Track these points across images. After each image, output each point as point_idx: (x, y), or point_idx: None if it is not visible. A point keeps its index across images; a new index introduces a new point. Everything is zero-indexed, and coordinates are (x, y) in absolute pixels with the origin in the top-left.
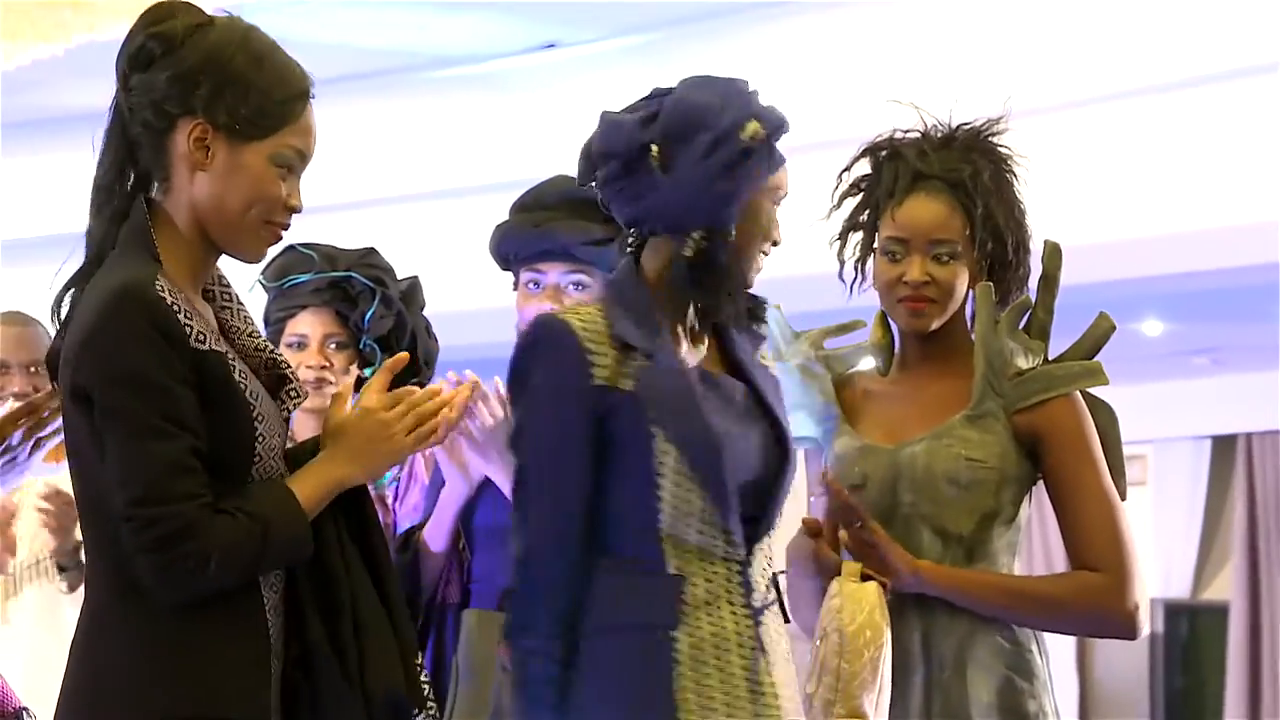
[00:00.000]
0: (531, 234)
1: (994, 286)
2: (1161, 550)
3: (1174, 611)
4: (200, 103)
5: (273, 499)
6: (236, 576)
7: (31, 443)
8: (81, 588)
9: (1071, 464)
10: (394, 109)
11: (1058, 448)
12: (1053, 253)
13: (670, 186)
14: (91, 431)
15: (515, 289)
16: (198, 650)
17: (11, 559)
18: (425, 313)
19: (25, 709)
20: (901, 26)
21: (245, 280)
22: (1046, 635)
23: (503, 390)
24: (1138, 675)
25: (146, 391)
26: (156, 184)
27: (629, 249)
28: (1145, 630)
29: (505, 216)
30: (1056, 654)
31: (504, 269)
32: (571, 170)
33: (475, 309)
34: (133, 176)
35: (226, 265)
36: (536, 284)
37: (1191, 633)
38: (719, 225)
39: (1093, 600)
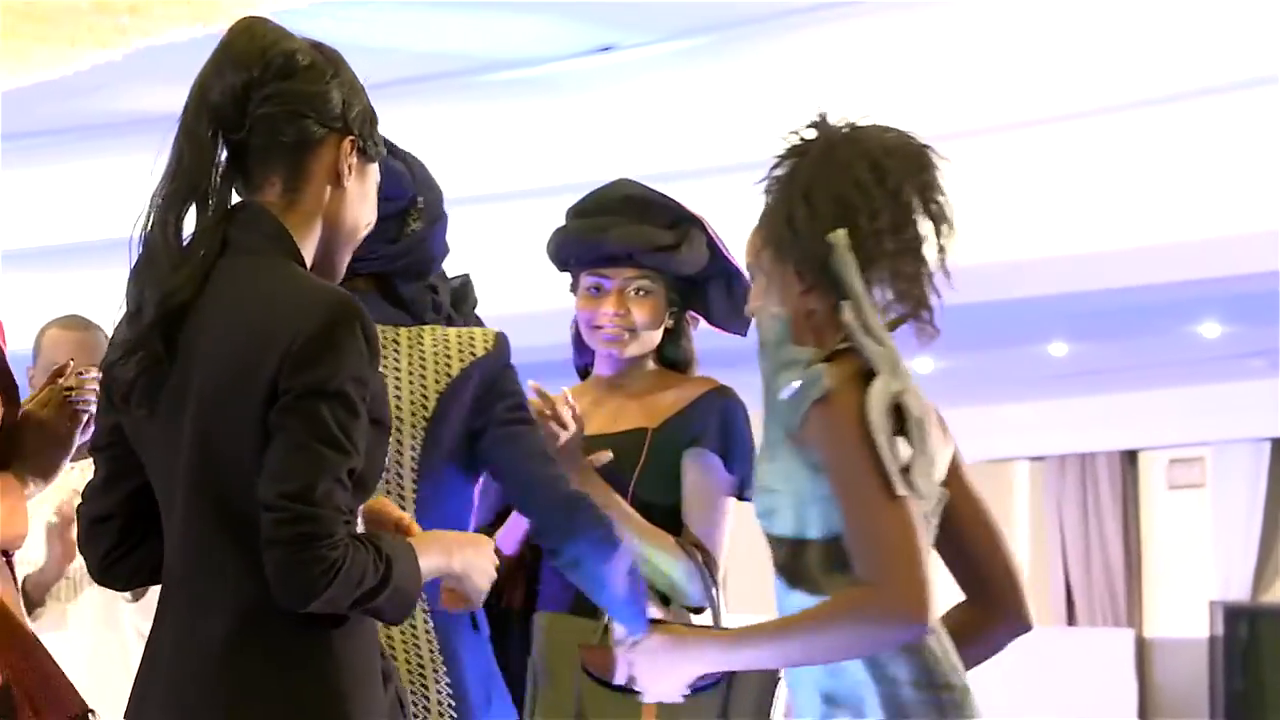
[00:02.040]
0: (595, 239)
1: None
2: (1220, 553)
3: (1233, 614)
4: (355, 121)
5: (401, 551)
6: (345, 602)
7: (83, 423)
8: (146, 595)
9: (833, 475)
10: (450, 113)
11: (822, 460)
12: (840, 250)
13: None
14: (261, 431)
15: (574, 292)
16: (349, 666)
17: (70, 563)
18: (480, 315)
19: (91, 711)
20: (947, 28)
21: None
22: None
23: (570, 399)
24: (1197, 677)
25: (342, 404)
26: (262, 191)
27: None
28: (927, 629)
29: (561, 220)
30: (1116, 656)
31: (562, 271)
32: (628, 173)
33: (529, 311)
34: (230, 180)
35: None
36: (599, 289)
37: (1251, 635)
38: None
39: (850, 615)
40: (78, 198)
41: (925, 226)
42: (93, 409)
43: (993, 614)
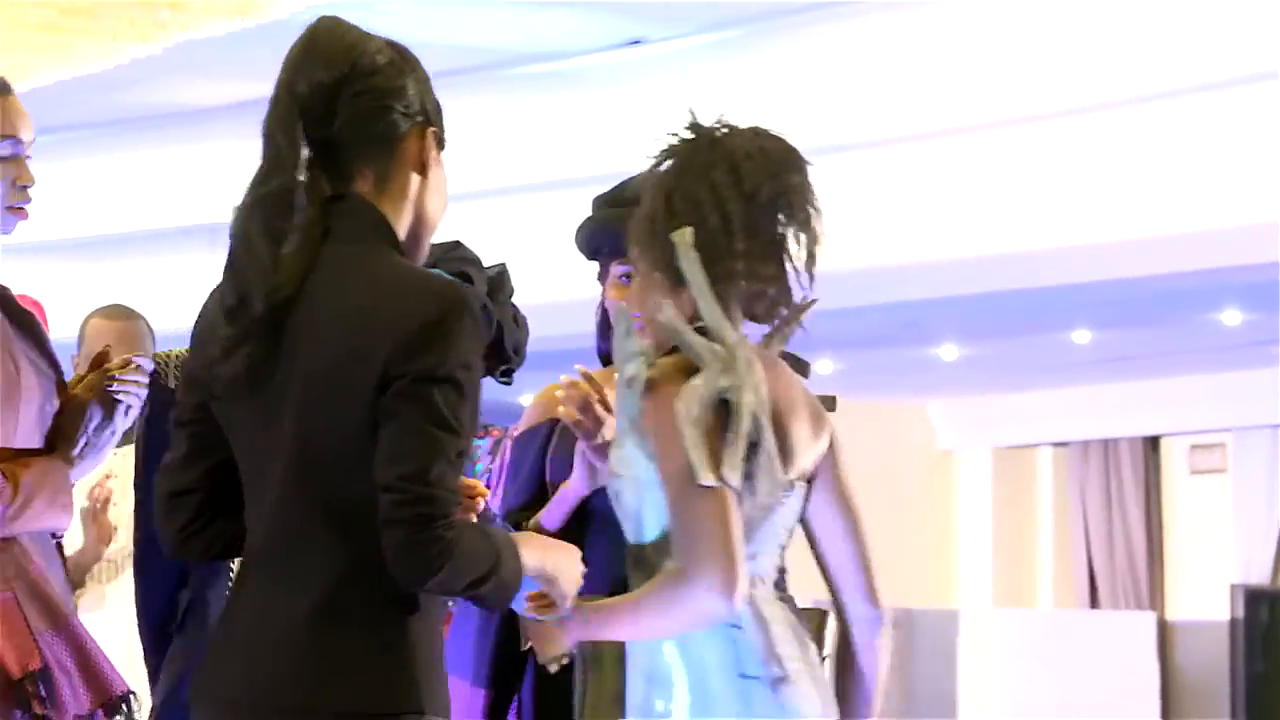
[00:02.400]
0: (626, 229)
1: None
2: (1241, 537)
3: (1254, 597)
4: (432, 112)
5: (506, 542)
6: (458, 584)
7: (122, 406)
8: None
9: (657, 464)
10: (481, 105)
11: (651, 449)
12: (682, 248)
13: None
14: (369, 416)
15: (602, 281)
16: (421, 648)
17: (106, 545)
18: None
19: (132, 693)
20: (971, 22)
21: None
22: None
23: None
24: (1218, 659)
25: (453, 388)
26: (354, 183)
27: None
28: (731, 611)
29: (589, 210)
30: (1138, 639)
31: (592, 260)
32: None
33: (558, 300)
34: (321, 174)
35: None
36: (629, 276)
37: (1271, 618)
38: None
39: (660, 596)
40: (118, 189)
41: (818, 228)
42: (132, 398)
43: (842, 601)
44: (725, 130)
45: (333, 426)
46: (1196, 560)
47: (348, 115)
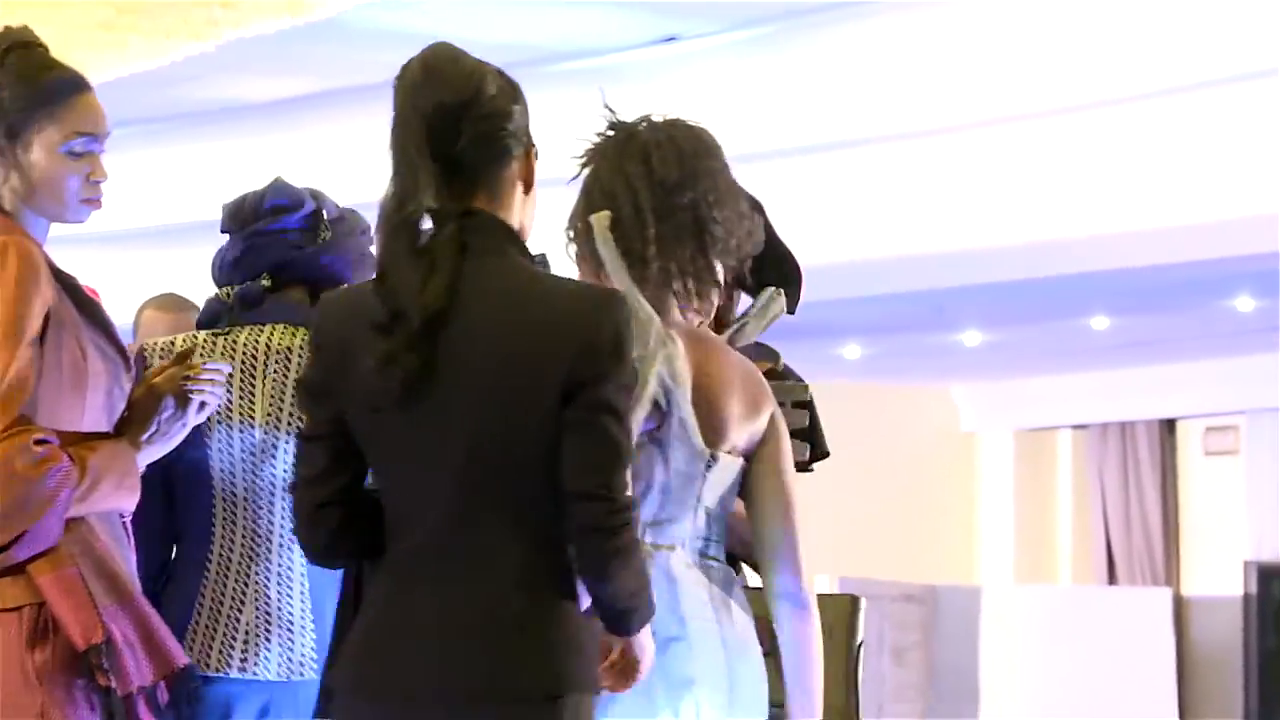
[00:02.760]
0: None
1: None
2: (1254, 515)
3: (1266, 573)
4: (531, 134)
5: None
6: (633, 586)
7: (195, 402)
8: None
9: None
10: None
11: None
12: (597, 232)
13: None
14: (552, 422)
15: None
16: (586, 634)
17: None
18: None
19: (190, 665)
20: (1001, 17)
21: None
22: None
23: None
24: (1232, 635)
25: (628, 395)
26: (475, 200)
27: None
28: None
29: None
30: (1154, 614)
31: None
32: None
33: None
34: (447, 188)
35: None
36: None
37: None
38: None
39: None
40: (172, 182)
41: (739, 211)
42: (208, 397)
43: (768, 580)
44: (642, 125)
45: (511, 434)
46: (1211, 538)
47: (471, 136)
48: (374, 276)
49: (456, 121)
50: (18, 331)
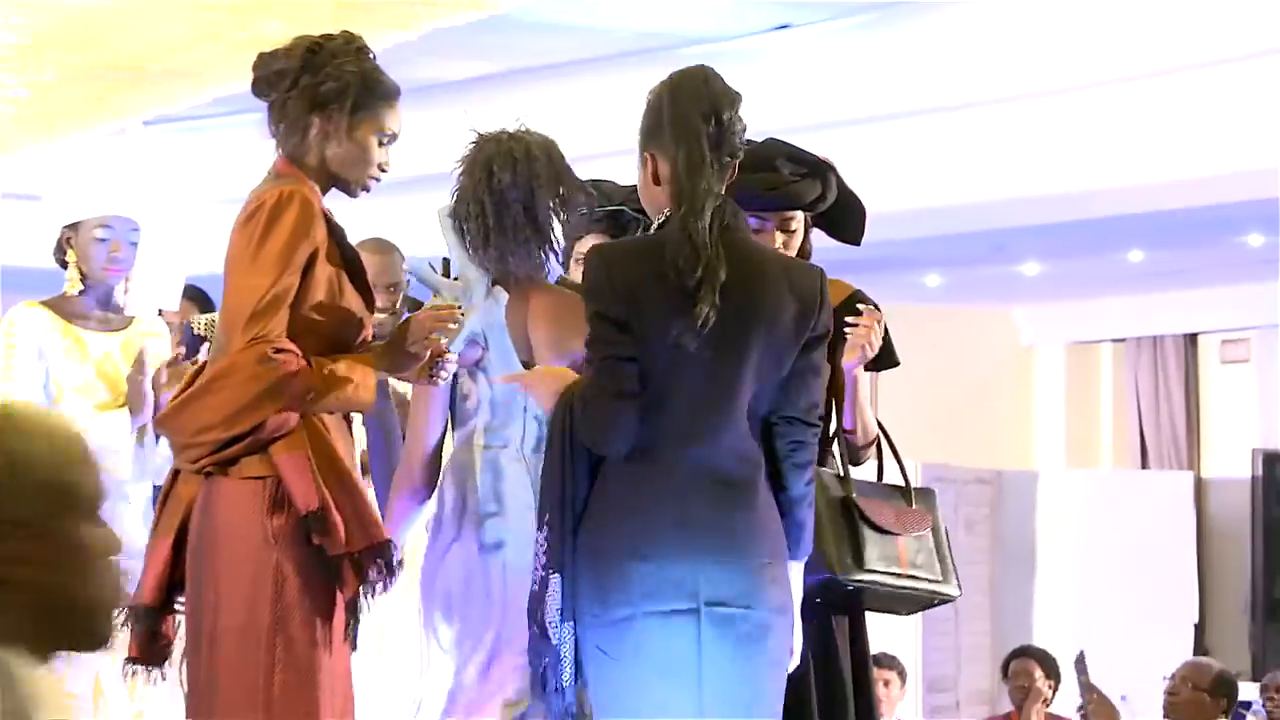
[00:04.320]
0: (757, 191)
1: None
2: (1261, 412)
3: (1270, 459)
4: None
5: None
6: (810, 491)
7: (433, 342)
8: None
9: None
10: (641, 84)
11: None
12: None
13: None
14: (792, 360)
15: None
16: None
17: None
18: None
19: (391, 541)
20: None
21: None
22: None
23: None
24: (1242, 509)
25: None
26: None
27: None
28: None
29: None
30: (1179, 492)
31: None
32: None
33: None
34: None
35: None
36: (761, 225)
37: None
38: None
39: None
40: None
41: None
42: (450, 334)
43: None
44: (503, 135)
45: (774, 366)
46: (1225, 430)
47: (732, 142)
48: (660, 238)
49: (729, 130)
50: (283, 261)
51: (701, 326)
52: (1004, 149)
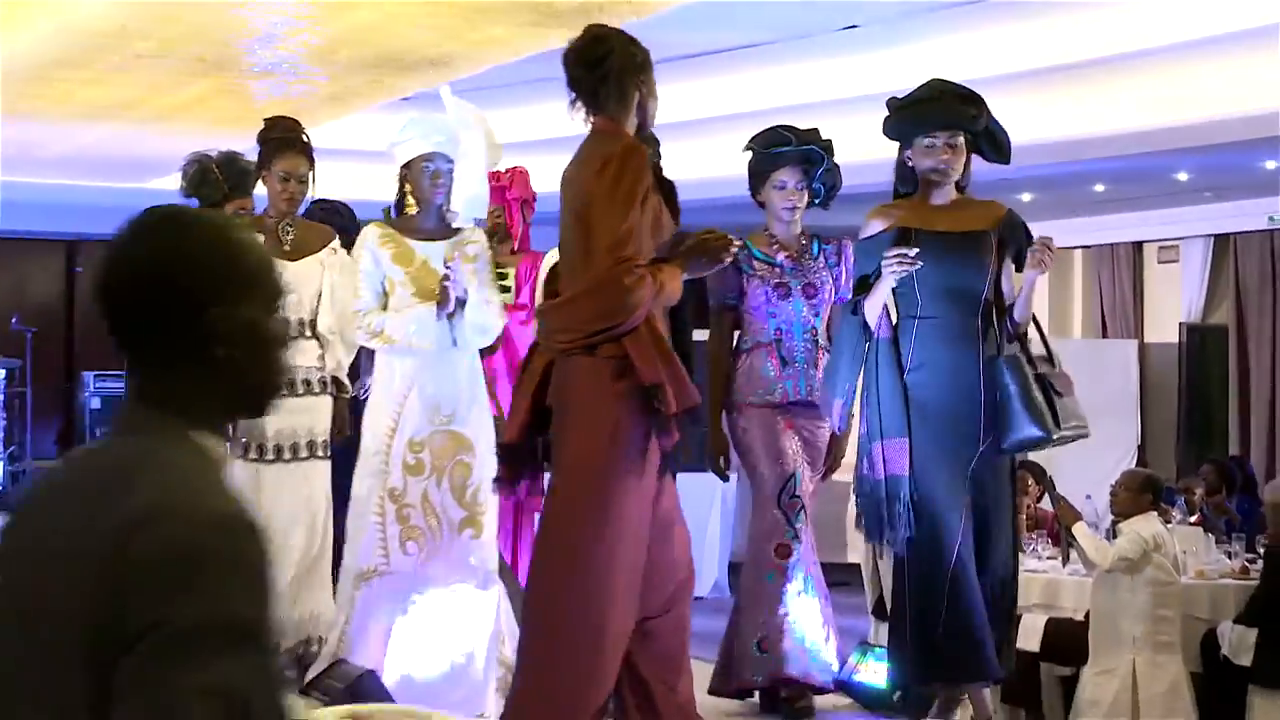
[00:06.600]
0: (933, 115)
1: None
2: (1185, 296)
3: (1191, 331)
4: None
5: None
6: None
7: (717, 253)
8: None
9: None
10: (816, 67)
11: None
12: None
13: None
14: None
15: (906, 149)
16: None
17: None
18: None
19: (699, 404)
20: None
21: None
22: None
23: None
24: (1172, 368)
25: None
26: None
27: None
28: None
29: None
30: (1127, 355)
31: (894, 140)
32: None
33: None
34: None
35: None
36: (934, 145)
37: (1201, 343)
38: None
39: None
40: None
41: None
42: (725, 256)
43: None
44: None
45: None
46: (1161, 310)
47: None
48: None
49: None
50: (633, 199)
51: None
52: (1022, 113)
